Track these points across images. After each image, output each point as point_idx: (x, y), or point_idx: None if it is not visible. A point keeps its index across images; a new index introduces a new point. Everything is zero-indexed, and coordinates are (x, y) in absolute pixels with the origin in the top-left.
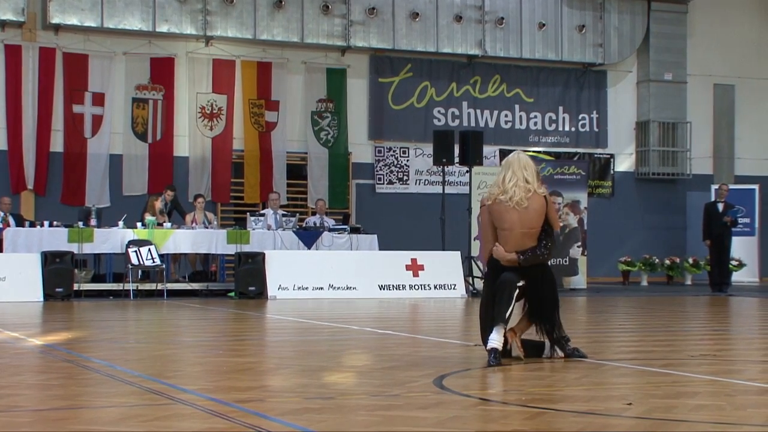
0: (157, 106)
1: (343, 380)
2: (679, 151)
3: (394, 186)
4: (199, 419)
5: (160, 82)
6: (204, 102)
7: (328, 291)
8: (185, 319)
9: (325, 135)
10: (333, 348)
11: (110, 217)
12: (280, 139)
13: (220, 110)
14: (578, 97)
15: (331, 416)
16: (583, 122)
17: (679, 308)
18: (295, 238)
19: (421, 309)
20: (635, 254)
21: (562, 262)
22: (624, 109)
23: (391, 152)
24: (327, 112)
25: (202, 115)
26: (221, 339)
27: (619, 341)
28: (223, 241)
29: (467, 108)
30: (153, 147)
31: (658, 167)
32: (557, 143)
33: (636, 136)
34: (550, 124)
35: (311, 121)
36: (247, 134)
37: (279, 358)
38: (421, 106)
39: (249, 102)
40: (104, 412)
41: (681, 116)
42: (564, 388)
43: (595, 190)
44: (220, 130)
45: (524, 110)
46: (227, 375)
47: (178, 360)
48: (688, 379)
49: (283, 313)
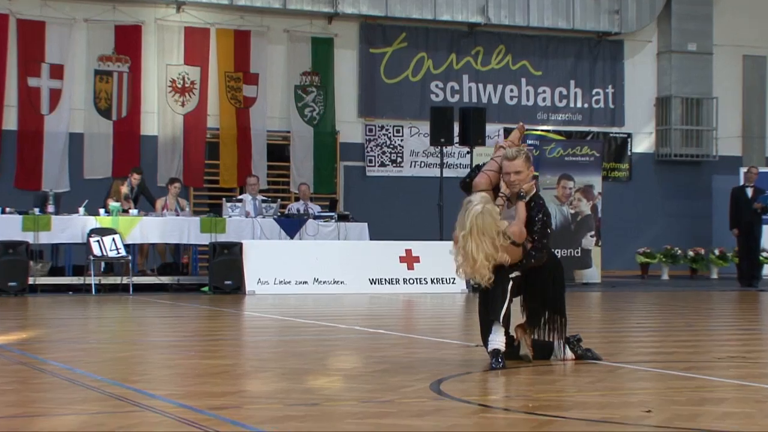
0: (122, 79)
1: (329, 385)
2: (704, 130)
3: (387, 169)
4: (168, 428)
5: (125, 52)
6: (175, 75)
7: (313, 285)
8: (153, 317)
9: (309, 112)
10: (318, 349)
11: (70, 203)
12: (259, 116)
13: (192, 84)
14: (592, 70)
15: (316, 424)
16: (597, 98)
17: (703, 305)
18: (277, 227)
19: (417, 305)
20: (655, 245)
21: (573, 253)
22: (643, 83)
23: (383, 131)
24: (312, 86)
25: (172, 90)
26: (193, 339)
27: (637, 341)
28: (196, 230)
29: (468, 82)
30: (118, 125)
31: (681, 148)
32: (568, 121)
33: (656, 114)
34: (560, 100)
35: (294, 97)
36: (222, 111)
37: (258, 360)
38: (416, 80)
39: (225, 75)
40: (62, 420)
41: (706, 91)
42: (575, 393)
43: (610, 173)
44: (192, 106)
45: (532, 84)
46: (200, 379)
47: (145, 362)
48: (714, 383)
49: (263, 310)
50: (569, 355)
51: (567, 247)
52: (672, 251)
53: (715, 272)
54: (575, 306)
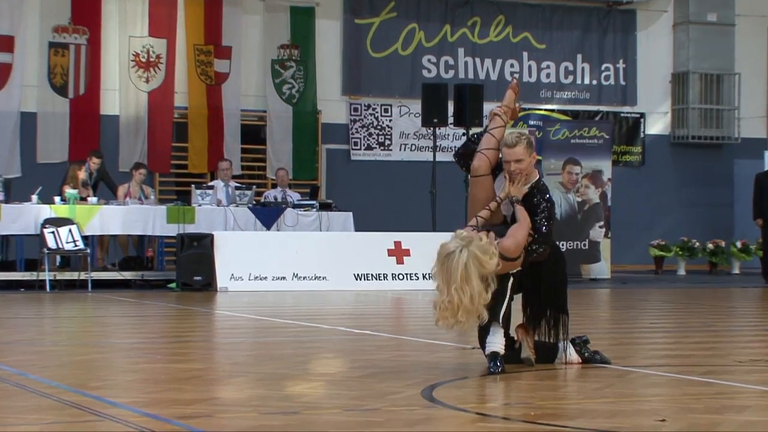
0: (80, 52)
1: (310, 391)
2: (724, 110)
3: (374, 152)
4: None
5: (83, 23)
6: (138, 48)
7: (292, 282)
8: (115, 317)
9: (288, 89)
10: (298, 352)
11: (21, 190)
12: (232, 94)
13: (158, 58)
14: (601, 43)
15: None
16: (607, 74)
17: (724, 303)
18: (252, 217)
19: (407, 304)
20: (670, 236)
21: (580, 246)
22: (657, 57)
23: (369, 111)
24: (291, 60)
25: (135, 65)
26: (160, 341)
27: (650, 343)
28: (162, 220)
29: (464, 56)
30: (75, 103)
31: (699, 129)
32: (575, 99)
33: (672, 91)
34: (566, 76)
35: (271, 72)
36: (191, 88)
37: (231, 364)
38: (407, 54)
39: (194, 48)
40: (16, 431)
41: (728, 66)
42: (582, 400)
43: (621, 157)
44: (158, 82)
45: (534, 59)
46: (167, 385)
47: (107, 367)
48: (735, 389)
49: (237, 308)
50: (575, 357)
51: (573, 239)
52: (689, 244)
53: (737, 267)
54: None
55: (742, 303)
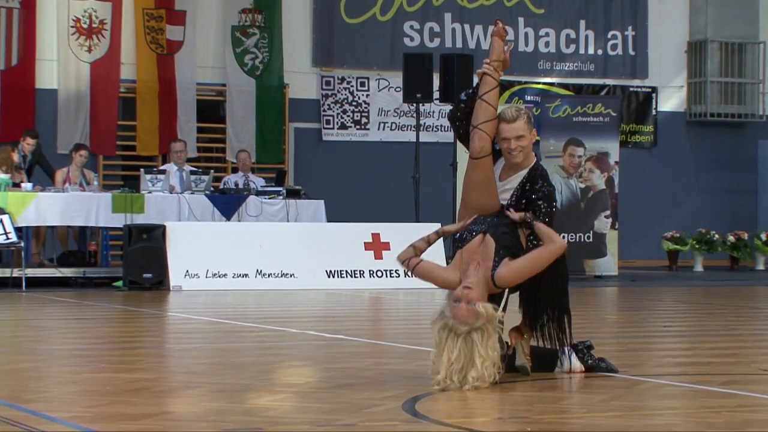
0: (11, 17)
1: (275, 404)
2: (747, 83)
3: (349, 132)
4: None
5: None
6: (79, 12)
7: (256, 279)
8: (53, 319)
9: (251, 60)
10: (262, 360)
11: None
12: (187, 65)
13: (102, 24)
14: (607, 7)
15: None
16: (614, 42)
17: (746, 303)
18: (209, 205)
19: (387, 304)
20: (686, 228)
21: (583, 238)
22: (671, 24)
23: (344, 84)
24: (254, 27)
25: (76, 31)
26: (104, 347)
27: (663, 349)
28: (107, 209)
29: (451, 22)
30: (6, 76)
31: (719, 106)
32: (577, 72)
33: (688, 63)
34: (567, 45)
35: (232, 41)
36: (140, 58)
37: (186, 373)
38: (386, 20)
39: (144, 12)
40: None
41: (751, 34)
42: (585, 414)
43: (630, 137)
44: (102, 52)
45: (531, 26)
46: (113, 397)
47: (43, 377)
48: (759, 401)
49: (192, 310)
50: (577, 366)
51: (575, 231)
52: (707, 236)
53: (762, 262)
54: (586, 305)
55: (767, 303)
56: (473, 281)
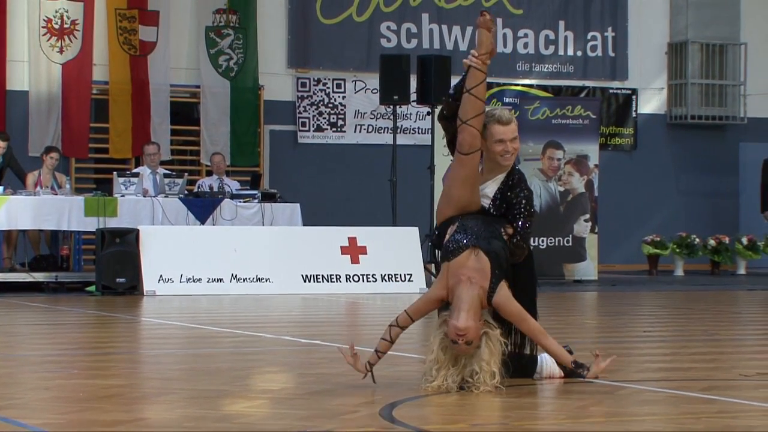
0: None
1: (251, 410)
2: (728, 85)
3: (325, 134)
4: None
5: None
6: (50, 12)
7: (231, 284)
8: (24, 325)
9: (225, 61)
10: (237, 365)
11: None
12: (160, 66)
13: (73, 24)
14: (587, 8)
15: None
16: (594, 44)
17: (728, 308)
18: (183, 209)
19: (364, 309)
20: (667, 232)
21: (562, 242)
22: (652, 25)
23: (320, 86)
24: (228, 27)
25: (47, 32)
26: (77, 353)
27: (644, 355)
28: (80, 213)
29: (428, 23)
30: None
31: (700, 108)
32: (556, 73)
33: (668, 64)
34: (546, 47)
35: (206, 42)
36: (113, 59)
37: (160, 379)
38: (362, 20)
39: (116, 13)
40: None
41: (732, 35)
42: (564, 420)
43: (610, 140)
44: (73, 53)
45: (510, 26)
46: (85, 404)
47: (14, 383)
48: (740, 407)
49: (166, 315)
50: (556, 371)
51: (555, 235)
52: (688, 240)
53: (743, 266)
54: (565, 309)
55: (748, 308)
56: (464, 315)
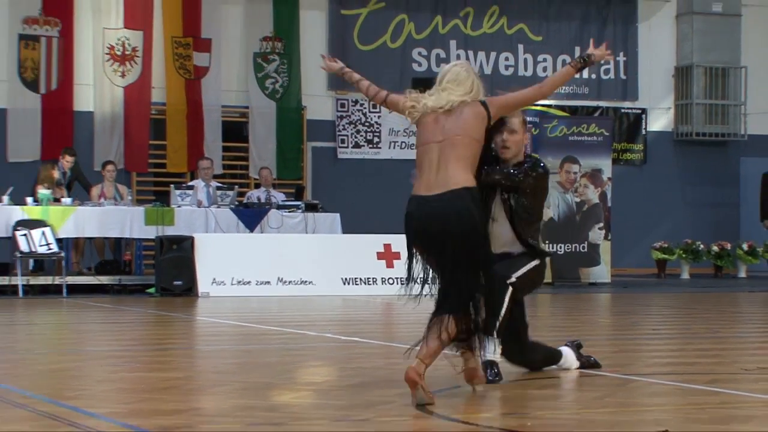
0: (51, 45)
1: (296, 401)
2: (730, 105)
3: (362, 150)
4: None
5: (55, 14)
6: (113, 40)
7: (277, 286)
8: (91, 323)
9: (271, 84)
10: (284, 360)
11: None
12: (213, 88)
13: (134, 51)
14: (600, 35)
15: None
16: (607, 68)
17: (730, 308)
18: (234, 218)
19: (398, 309)
20: (674, 239)
21: (578, 248)
22: (660, 50)
23: (357, 106)
24: (274, 53)
25: (111, 58)
26: (138, 348)
27: (653, 351)
28: (140, 222)
29: (456, 49)
30: (47, 99)
31: (704, 126)
32: (573, 95)
33: (675, 86)
34: None
35: (254, 66)
36: (170, 83)
37: (214, 372)
38: (396, 47)
39: (172, 40)
40: None
41: (734, 59)
42: (581, 410)
43: (621, 155)
44: (134, 77)
45: (530, 52)
46: (146, 395)
47: (83, 376)
48: (741, 399)
49: (219, 314)
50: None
51: (571, 242)
52: (693, 246)
53: (744, 270)
54: (581, 309)
55: (748, 308)
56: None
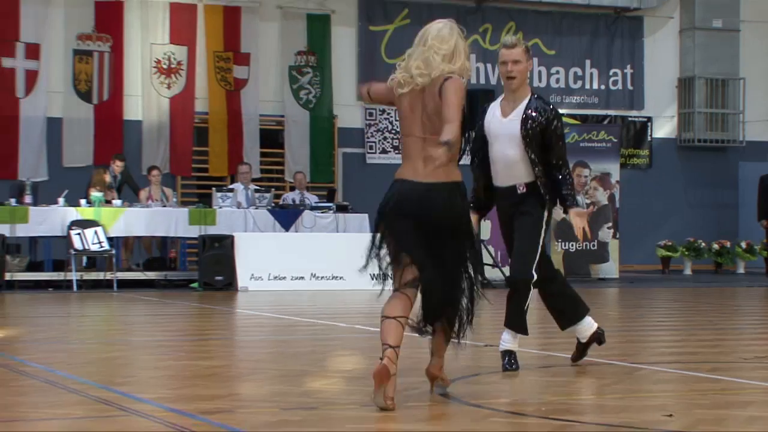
0: (103, 59)
1: (328, 387)
2: (730, 114)
3: (389, 155)
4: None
5: (106, 30)
6: (160, 55)
7: (311, 281)
8: (139, 315)
9: (305, 94)
10: (316, 349)
11: (48, 193)
12: (251, 99)
13: (179, 65)
14: (609, 49)
15: (314, 429)
16: (615, 79)
17: (729, 301)
18: (271, 218)
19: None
20: (677, 237)
21: (589, 246)
22: (664, 62)
23: (384, 115)
24: (308, 66)
25: (157, 71)
26: (183, 339)
27: (658, 341)
28: (184, 222)
29: (475, 62)
30: (99, 109)
31: (705, 133)
32: (584, 104)
33: (678, 96)
34: (575, 81)
35: (289, 78)
36: (212, 93)
37: (252, 361)
38: None
39: (214, 55)
40: (44, 425)
41: (733, 71)
42: (591, 396)
43: (629, 160)
44: (179, 88)
45: (544, 64)
46: (190, 381)
47: (131, 364)
48: (740, 386)
49: (257, 307)
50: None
51: (582, 240)
52: (695, 244)
53: (742, 267)
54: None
55: (746, 302)
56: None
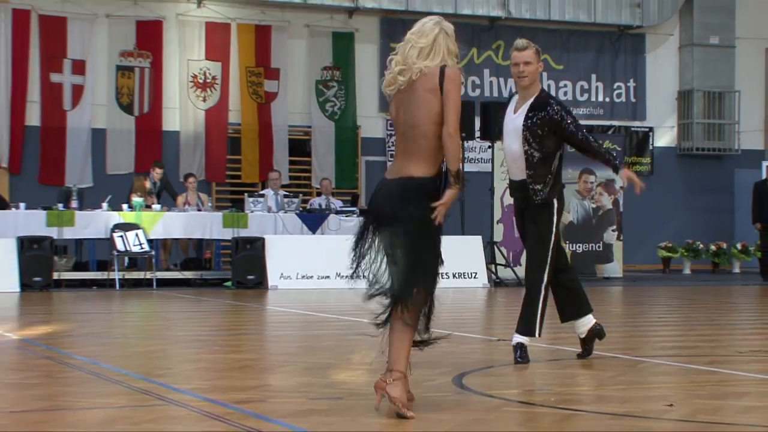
0: (143, 74)
1: (352, 379)
2: (726, 124)
3: None
4: (193, 421)
5: (147, 47)
6: (196, 70)
7: (336, 280)
8: (177, 312)
9: (330, 107)
10: (341, 343)
11: (93, 199)
12: (280, 111)
13: (214, 79)
14: (613, 64)
15: (339, 419)
16: (619, 92)
17: (725, 299)
18: (299, 222)
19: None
20: (677, 239)
21: (594, 247)
22: (664, 76)
23: None
24: (333, 81)
25: (194, 85)
26: (217, 333)
27: (659, 336)
28: (219, 225)
29: (489, 76)
30: (140, 120)
31: (703, 142)
32: (590, 115)
33: (678, 107)
34: (581, 94)
35: (315, 91)
36: (244, 106)
37: (281, 354)
38: None
39: (246, 70)
40: (88, 413)
41: (729, 85)
42: (597, 387)
43: (632, 167)
44: (214, 101)
45: (553, 78)
46: (224, 373)
47: (169, 357)
48: (736, 377)
49: (286, 304)
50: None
51: (588, 242)
52: (694, 245)
53: (737, 266)
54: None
55: (742, 299)
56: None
